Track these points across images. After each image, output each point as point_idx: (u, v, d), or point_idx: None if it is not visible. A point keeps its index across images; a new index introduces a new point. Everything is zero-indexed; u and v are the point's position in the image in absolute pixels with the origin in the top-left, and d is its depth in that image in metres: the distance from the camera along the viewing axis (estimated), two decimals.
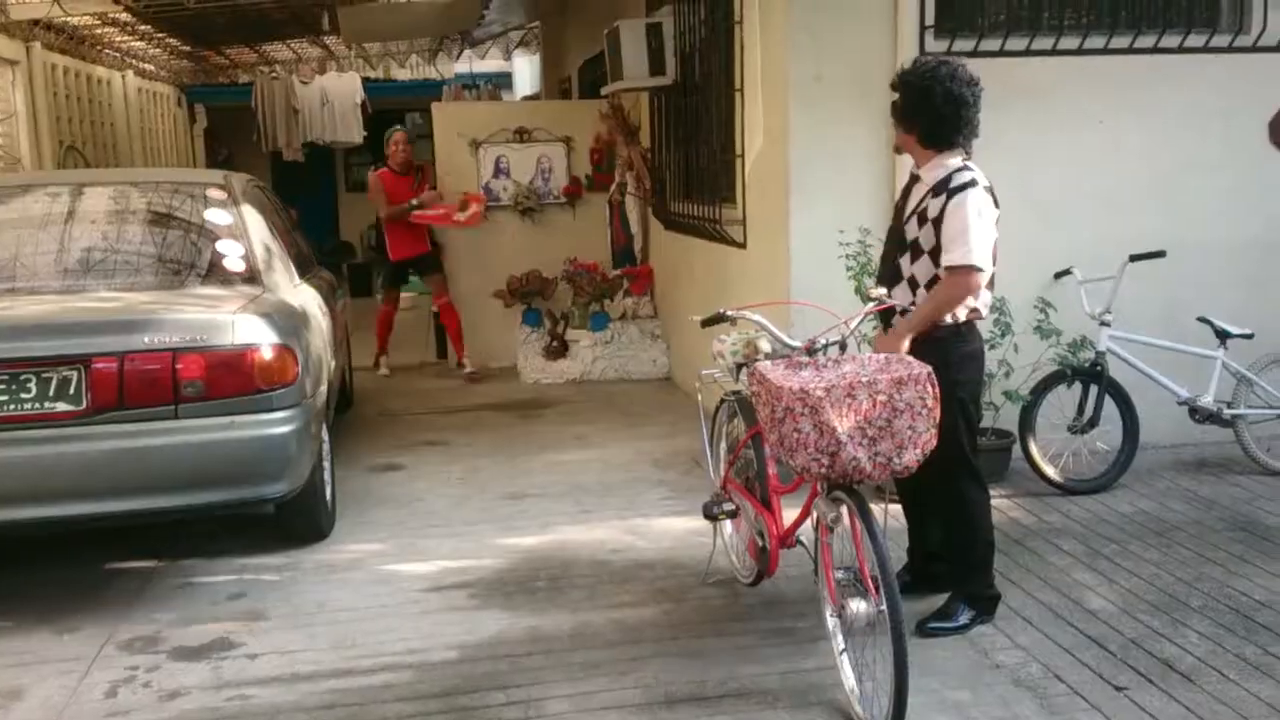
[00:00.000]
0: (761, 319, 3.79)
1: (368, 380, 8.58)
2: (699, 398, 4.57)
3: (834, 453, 3.15)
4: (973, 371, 3.93)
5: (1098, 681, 3.53)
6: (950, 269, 3.70)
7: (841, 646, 3.43)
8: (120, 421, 4.16)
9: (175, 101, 16.14)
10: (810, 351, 3.54)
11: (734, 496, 4.23)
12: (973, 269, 3.68)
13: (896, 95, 3.88)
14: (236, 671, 3.78)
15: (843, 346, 3.59)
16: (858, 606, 3.23)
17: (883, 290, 3.84)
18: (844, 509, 3.33)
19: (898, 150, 4.07)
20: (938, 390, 3.23)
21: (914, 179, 3.93)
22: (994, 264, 3.81)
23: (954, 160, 3.80)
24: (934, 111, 3.76)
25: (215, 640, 4.02)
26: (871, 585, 3.21)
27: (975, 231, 3.68)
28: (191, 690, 3.65)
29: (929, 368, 3.26)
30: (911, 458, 3.21)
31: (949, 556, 4.09)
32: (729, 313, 3.85)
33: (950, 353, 3.79)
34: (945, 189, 3.74)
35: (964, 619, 3.92)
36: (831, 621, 3.47)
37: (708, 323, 3.91)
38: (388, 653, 3.88)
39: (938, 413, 3.24)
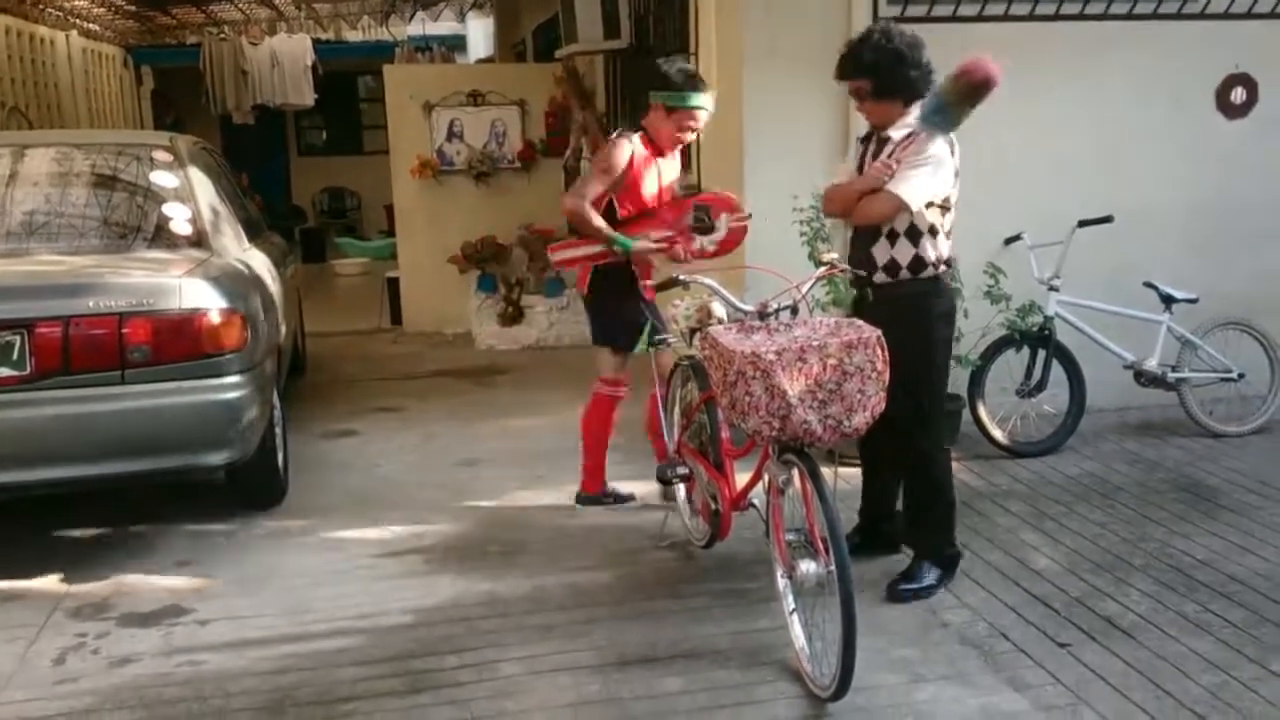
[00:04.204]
0: (714, 284, 3.81)
1: (322, 346, 8.50)
2: (653, 363, 4.58)
3: (785, 415, 3.18)
4: (945, 331, 3.99)
5: (1042, 639, 3.61)
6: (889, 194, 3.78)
7: (792, 606, 3.47)
8: (66, 387, 4.10)
9: (121, 62, 15.83)
10: (762, 316, 3.56)
11: (688, 461, 4.25)
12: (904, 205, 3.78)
13: (866, 74, 3.82)
14: (187, 637, 3.76)
15: (794, 310, 3.60)
16: (808, 567, 3.27)
17: (835, 255, 3.86)
18: (795, 471, 3.37)
19: (882, 126, 3.95)
20: (886, 354, 3.27)
21: (882, 140, 3.92)
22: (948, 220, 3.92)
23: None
24: (918, 69, 3.81)
25: (166, 607, 4.00)
26: (821, 546, 3.25)
27: (927, 172, 3.76)
28: (142, 657, 3.63)
29: (878, 331, 3.29)
30: (861, 420, 3.25)
31: (901, 517, 4.15)
32: (682, 277, 3.85)
33: (926, 311, 3.88)
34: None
35: (930, 579, 3.97)
36: (782, 582, 3.51)
37: (661, 288, 3.92)
38: (341, 617, 3.88)
39: (887, 376, 3.27)
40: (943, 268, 3.92)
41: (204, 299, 4.27)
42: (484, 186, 9.23)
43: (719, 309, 4.00)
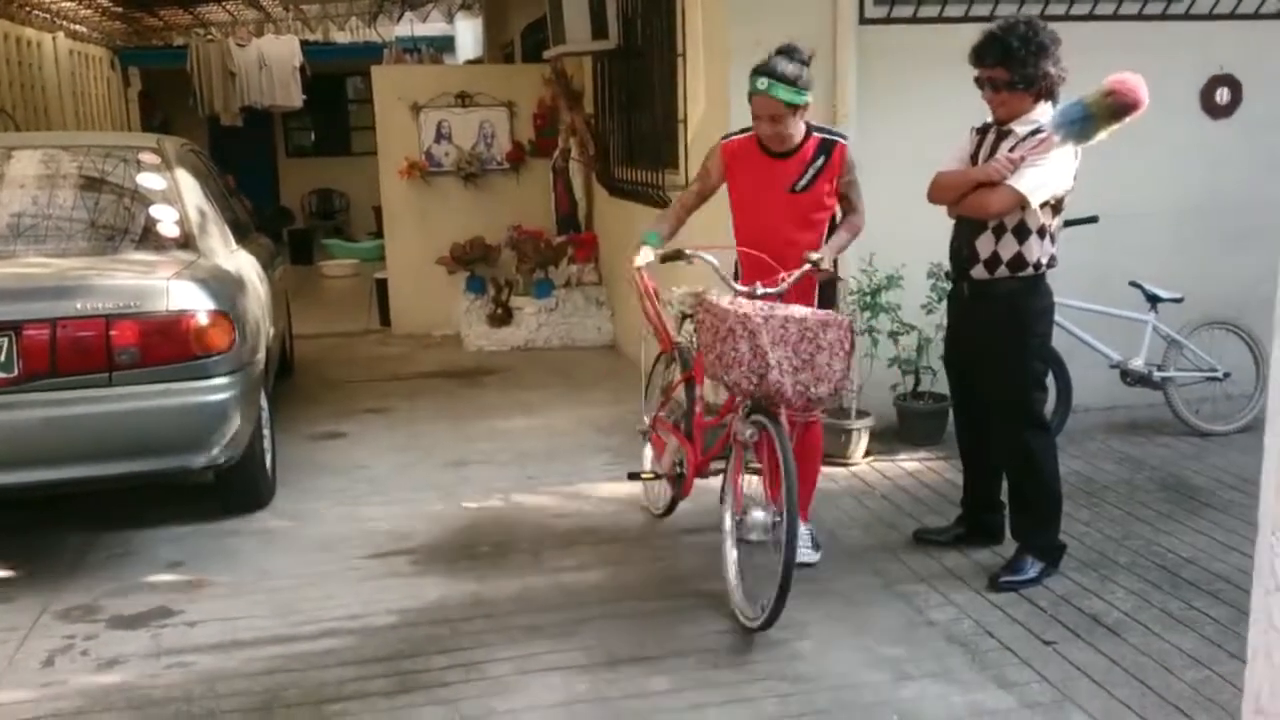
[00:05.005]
0: (713, 260, 4.03)
1: (311, 348, 8.49)
2: (643, 343, 4.73)
3: (762, 374, 3.53)
4: (1044, 327, 4.07)
5: (1028, 637, 3.63)
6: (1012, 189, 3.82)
7: (733, 546, 3.81)
8: (53, 389, 4.10)
9: (109, 64, 15.79)
10: (751, 296, 3.83)
11: (661, 433, 4.58)
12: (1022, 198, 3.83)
13: (1005, 63, 3.81)
14: (176, 639, 3.76)
15: (781, 296, 3.86)
16: (758, 514, 3.66)
17: (818, 254, 3.91)
18: (759, 429, 3.68)
19: (1006, 119, 3.94)
20: (854, 339, 3.63)
21: (1003, 134, 3.94)
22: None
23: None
24: (1057, 66, 3.86)
25: (154, 608, 3.99)
26: (773, 498, 3.60)
27: (1050, 170, 3.83)
28: (130, 658, 3.63)
29: (850, 318, 3.68)
30: (825, 390, 3.60)
31: (1003, 508, 4.25)
32: (688, 251, 4.06)
33: (1023, 309, 3.96)
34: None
35: (1033, 572, 4.01)
36: (729, 523, 3.83)
37: (667, 259, 4.08)
38: (329, 619, 3.88)
39: (853, 358, 3.67)
40: (1043, 268, 3.95)
41: (191, 301, 4.27)
42: (472, 188, 9.24)
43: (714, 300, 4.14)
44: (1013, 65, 3.81)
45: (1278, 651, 1.50)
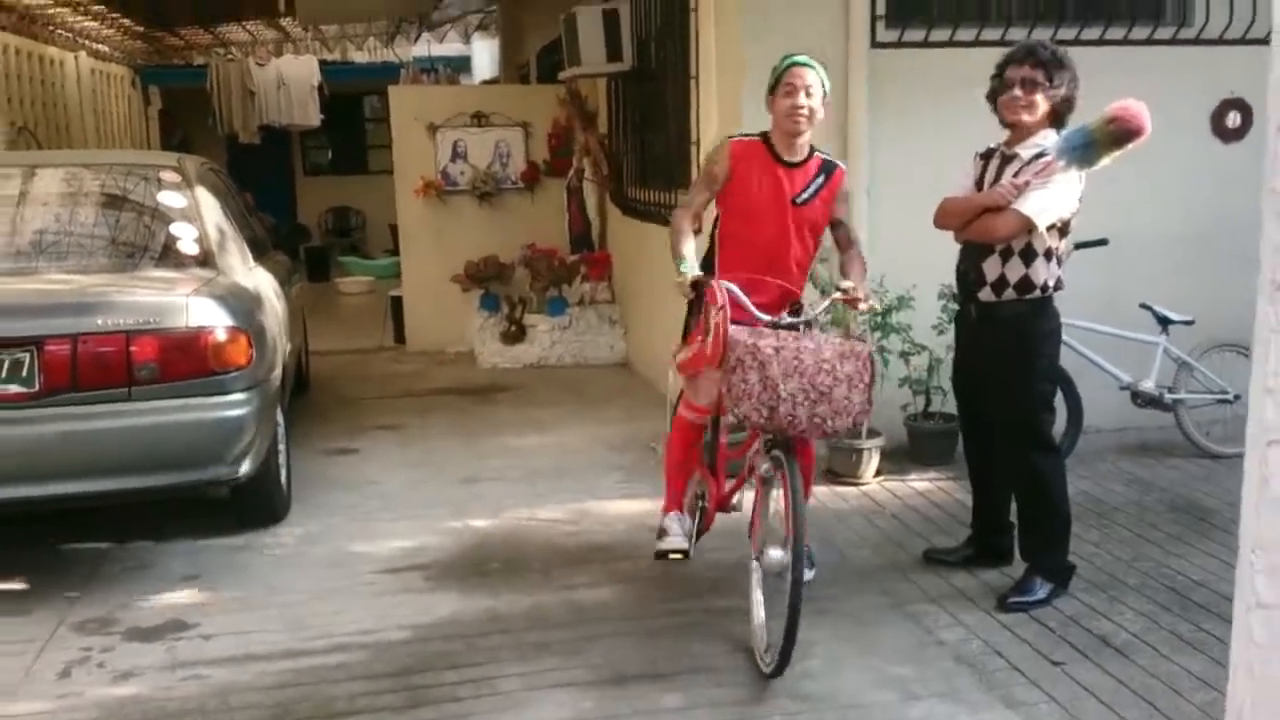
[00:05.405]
0: (737, 289, 3.83)
1: (326, 364, 8.55)
2: (670, 368, 4.65)
3: (774, 407, 3.45)
4: (1051, 348, 4.11)
5: (1036, 657, 3.64)
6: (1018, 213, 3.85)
7: (758, 589, 3.70)
8: (73, 403, 4.15)
9: (129, 83, 15.98)
10: (775, 325, 3.73)
11: None
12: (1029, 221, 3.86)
13: (1047, 68, 3.88)
14: (191, 652, 3.80)
15: (809, 325, 3.83)
16: (774, 554, 3.51)
17: (850, 283, 3.87)
18: (775, 468, 3.59)
19: (1019, 126, 3.98)
20: (874, 370, 3.52)
21: (1007, 158, 3.98)
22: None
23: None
24: (1077, 94, 3.94)
25: (169, 621, 4.04)
26: (791, 539, 3.47)
27: (1056, 193, 3.86)
28: (146, 671, 3.66)
29: (871, 348, 3.53)
30: (843, 424, 3.53)
31: (1012, 529, 4.25)
32: (712, 282, 3.88)
33: (1030, 332, 4.00)
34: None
35: (1042, 593, 4.02)
36: (752, 564, 3.74)
37: (693, 286, 3.97)
38: (341, 633, 3.91)
39: (873, 391, 3.51)
40: (1050, 291, 3.99)
41: (210, 317, 4.33)
42: (487, 206, 9.31)
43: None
44: (1052, 72, 3.89)
45: (1259, 666, 1.53)
